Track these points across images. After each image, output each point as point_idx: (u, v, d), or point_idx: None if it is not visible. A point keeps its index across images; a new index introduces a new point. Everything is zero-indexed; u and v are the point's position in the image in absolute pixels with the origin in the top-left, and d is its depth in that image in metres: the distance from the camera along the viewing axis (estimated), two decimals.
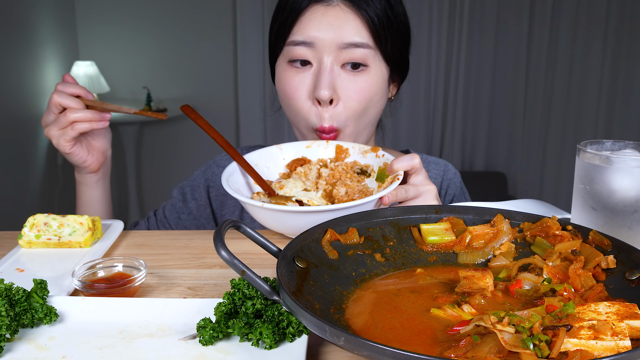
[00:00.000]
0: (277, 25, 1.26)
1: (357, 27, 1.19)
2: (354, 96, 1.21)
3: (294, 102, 1.24)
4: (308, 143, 1.24)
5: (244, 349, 0.72)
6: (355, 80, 1.21)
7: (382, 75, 1.25)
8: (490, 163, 4.54)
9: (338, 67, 1.21)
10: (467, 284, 0.80)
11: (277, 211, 1.00)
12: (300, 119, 1.26)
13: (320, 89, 1.18)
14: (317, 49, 1.19)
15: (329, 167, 1.19)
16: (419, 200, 1.05)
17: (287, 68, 1.24)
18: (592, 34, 4.20)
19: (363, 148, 1.22)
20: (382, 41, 1.21)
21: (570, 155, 4.41)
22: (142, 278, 0.89)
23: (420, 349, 0.67)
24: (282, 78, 1.26)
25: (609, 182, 0.92)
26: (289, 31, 1.22)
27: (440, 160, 1.47)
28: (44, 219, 1.06)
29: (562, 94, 4.34)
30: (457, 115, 4.36)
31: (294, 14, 1.22)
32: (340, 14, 1.19)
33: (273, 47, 1.30)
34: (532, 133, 4.44)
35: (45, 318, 0.76)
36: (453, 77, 4.29)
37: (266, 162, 1.21)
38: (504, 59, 4.31)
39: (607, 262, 0.81)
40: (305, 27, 1.20)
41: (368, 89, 1.22)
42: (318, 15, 1.19)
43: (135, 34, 4.45)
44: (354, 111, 1.23)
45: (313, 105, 1.22)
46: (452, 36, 4.23)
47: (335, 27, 1.18)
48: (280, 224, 1.05)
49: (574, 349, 0.62)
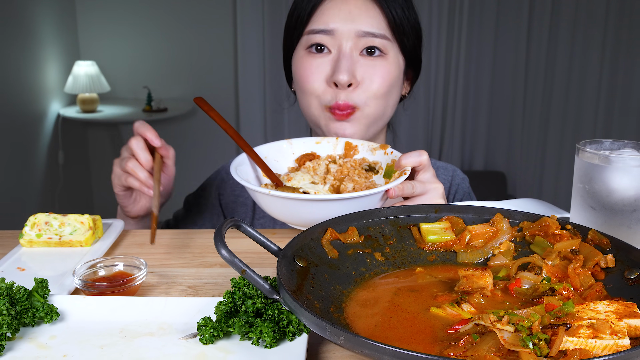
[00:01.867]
0: (296, 16, 1.27)
1: (375, 17, 1.21)
2: (374, 79, 1.23)
3: (310, 84, 1.25)
4: (318, 139, 1.25)
5: (244, 347, 0.72)
6: (374, 65, 1.23)
7: (399, 65, 1.27)
8: (489, 162, 4.54)
9: (357, 54, 1.22)
10: (467, 283, 0.80)
11: (284, 199, 0.99)
12: (314, 98, 1.26)
13: (339, 73, 1.19)
14: (336, 37, 1.21)
15: (337, 163, 1.20)
16: (425, 197, 1.05)
17: (306, 54, 1.26)
18: (591, 33, 4.20)
19: (372, 145, 1.22)
20: (399, 34, 1.23)
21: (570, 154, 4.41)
22: (143, 277, 0.89)
23: (420, 347, 0.67)
24: (299, 64, 1.27)
25: (608, 182, 0.92)
26: (308, 20, 1.24)
27: (449, 166, 1.47)
28: (45, 218, 1.07)
29: (561, 94, 4.34)
30: (457, 115, 4.36)
31: (314, 2, 1.24)
32: (360, 3, 1.21)
33: (290, 38, 1.31)
34: (531, 132, 4.44)
35: (46, 317, 0.77)
36: (453, 77, 4.29)
37: (275, 156, 1.22)
38: (503, 59, 4.31)
39: (606, 261, 0.81)
40: (325, 15, 1.22)
41: (388, 73, 1.24)
42: (338, 4, 1.22)
43: (136, 33, 4.45)
44: (374, 92, 1.23)
45: (329, 87, 1.23)
46: (452, 35, 4.23)
47: (355, 16, 1.20)
48: (287, 212, 1.04)
49: (573, 347, 0.63)
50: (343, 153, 1.24)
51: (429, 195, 1.05)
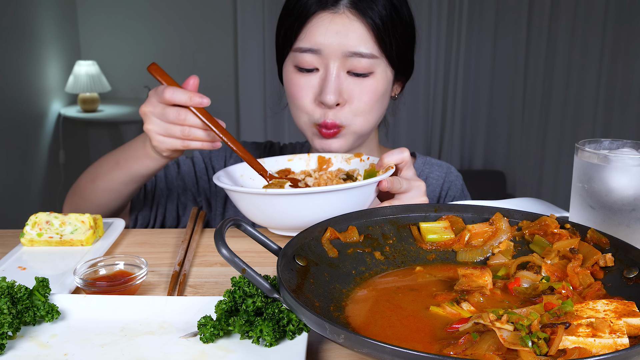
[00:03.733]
0: (284, 30, 1.27)
1: (362, 35, 1.21)
2: (361, 98, 1.24)
3: (300, 101, 1.26)
4: (290, 157, 1.25)
5: (244, 346, 0.73)
6: (361, 84, 1.24)
7: (387, 78, 1.28)
8: (489, 162, 4.54)
9: (344, 73, 1.23)
10: (466, 281, 0.80)
11: (276, 195, 0.96)
12: (303, 114, 1.28)
13: (326, 94, 1.21)
14: (323, 55, 1.22)
15: (313, 177, 1.20)
16: (409, 194, 1.06)
17: (294, 71, 1.27)
18: (590, 33, 4.20)
19: (346, 156, 1.23)
20: (387, 47, 1.23)
21: (569, 154, 4.41)
22: (143, 276, 0.89)
23: (420, 346, 0.67)
24: (289, 80, 1.28)
25: (607, 181, 0.92)
26: (296, 37, 1.24)
27: (444, 163, 1.49)
28: (46, 218, 1.07)
29: (560, 93, 4.34)
30: (456, 114, 4.36)
31: (301, 19, 1.23)
32: (346, 21, 1.20)
33: (280, 50, 1.31)
34: (530, 132, 4.45)
35: (47, 316, 0.77)
36: (452, 76, 4.29)
37: (251, 174, 1.21)
38: (502, 58, 4.31)
39: (605, 260, 0.81)
40: (313, 34, 1.22)
41: (374, 91, 1.25)
42: (325, 22, 1.21)
43: (137, 33, 4.46)
44: (360, 110, 1.25)
45: (318, 106, 1.24)
46: (451, 35, 4.23)
47: (342, 35, 1.20)
48: (280, 212, 1.00)
49: (572, 346, 0.63)
50: (317, 167, 1.24)
51: (413, 193, 1.06)
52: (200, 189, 1.45)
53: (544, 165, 4.50)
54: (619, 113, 4.36)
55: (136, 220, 1.40)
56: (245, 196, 1.01)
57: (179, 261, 1.00)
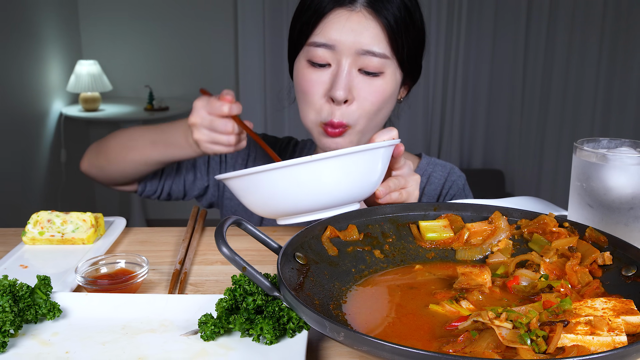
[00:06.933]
0: (300, 24, 1.29)
1: (376, 35, 1.22)
2: (369, 97, 1.25)
3: (309, 97, 1.28)
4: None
5: (244, 344, 0.73)
6: (370, 84, 1.25)
7: (396, 80, 1.29)
8: (488, 161, 4.54)
9: (355, 70, 1.24)
10: (465, 280, 0.81)
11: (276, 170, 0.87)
12: (312, 110, 1.29)
13: (336, 89, 1.22)
14: (337, 51, 1.23)
15: None
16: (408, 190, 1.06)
17: (307, 66, 1.28)
18: (588, 33, 4.20)
19: None
20: (398, 48, 1.25)
21: (567, 153, 4.41)
22: (145, 274, 0.90)
23: (419, 344, 0.68)
24: (300, 74, 1.30)
25: (605, 180, 0.93)
26: (311, 31, 1.26)
27: (447, 164, 1.50)
28: (48, 216, 1.07)
29: (559, 93, 4.34)
30: (455, 113, 4.36)
31: (318, 15, 1.25)
32: (362, 19, 1.22)
33: (294, 44, 1.32)
34: (529, 131, 4.45)
35: (49, 314, 0.77)
36: (451, 76, 4.29)
37: None
38: (501, 58, 4.31)
39: (604, 259, 0.81)
40: (328, 29, 1.23)
41: (382, 92, 1.26)
42: (342, 19, 1.22)
43: (138, 33, 4.46)
44: (367, 111, 1.26)
45: (327, 102, 1.25)
46: (451, 35, 4.23)
47: (357, 33, 1.21)
48: (272, 193, 0.90)
49: (571, 344, 0.63)
50: None
51: (412, 187, 1.07)
52: (210, 169, 1.48)
53: (543, 164, 4.50)
54: (617, 112, 4.36)
55: (144, 188, 1.45)
56: (245, 180, 0.90)
57: (180, 259, 1.01)
